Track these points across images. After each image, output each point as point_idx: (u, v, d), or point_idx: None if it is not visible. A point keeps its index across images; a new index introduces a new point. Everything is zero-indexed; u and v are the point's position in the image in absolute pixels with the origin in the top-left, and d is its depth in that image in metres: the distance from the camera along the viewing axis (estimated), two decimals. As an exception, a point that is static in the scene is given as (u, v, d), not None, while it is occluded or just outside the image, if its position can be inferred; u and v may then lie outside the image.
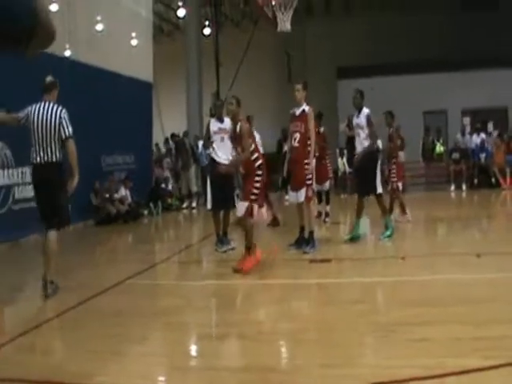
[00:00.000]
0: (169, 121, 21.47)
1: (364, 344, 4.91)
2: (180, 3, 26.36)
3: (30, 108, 7.00)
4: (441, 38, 29.06)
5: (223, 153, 9.34)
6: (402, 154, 13.99)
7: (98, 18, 15.56)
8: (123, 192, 15.25)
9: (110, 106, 14.84)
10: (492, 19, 29.28)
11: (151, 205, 16.60)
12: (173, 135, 19.49)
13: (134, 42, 17.55)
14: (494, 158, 20.74)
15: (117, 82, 15.41)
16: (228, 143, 9.13)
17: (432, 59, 26.40)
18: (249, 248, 7.73)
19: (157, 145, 20.65)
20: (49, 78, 7.23)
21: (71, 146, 6.96)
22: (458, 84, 24.48)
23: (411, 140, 22.52)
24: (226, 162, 8.90)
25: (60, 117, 6.94)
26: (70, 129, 6.98)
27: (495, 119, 24.43)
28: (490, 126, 24.24)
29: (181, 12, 25.88)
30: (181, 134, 19.73)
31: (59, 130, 6.92)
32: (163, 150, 20.69)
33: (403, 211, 12.30)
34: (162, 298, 7.13)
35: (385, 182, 11.94)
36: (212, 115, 21.88)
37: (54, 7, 12.59)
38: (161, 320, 5.96)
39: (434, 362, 4.23)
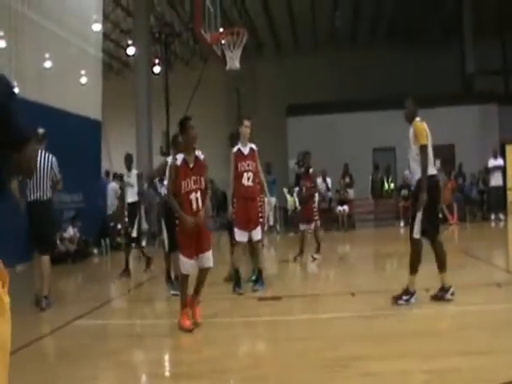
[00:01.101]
0: (118, 158, 21.33)
1: (316, 380, 4.94)
2: (130, 41, 26.51)
3: None
4: (389, 76, 29.84)
5: None
6: (351, 192, 14.34)
7: (47, 56, 15.52)
8: (71, 231, 15.08)
9: (58, 144, 14.69)
10: (438, 58, 30.23)
11: (102, 242, 16.45)
12: (115, 176, 19.30)
13: (83, 80, 17.53)
14: (442, 194, 21.22)
15: (65, 120, 15.31)
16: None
17: (380, 97, 27.01)
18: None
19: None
20: (41, 131, 8.75)
21: (61, 185, 8.89)
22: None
23: (360, 177, 23.01)
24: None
25: (52, 162, 8.64)
26: (58, 171, 8.71)
27: (442, 156, 25.08)
28: (438, 163, 24.83)
29: (130, 50, 25.99)
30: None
31: (51, 173, 8.61)
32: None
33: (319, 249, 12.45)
34: (112, 338, 7.06)
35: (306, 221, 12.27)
36: (163, 153, 21.88)
37: (1, 43, 12.53)
38: (111, 360, 5.89)
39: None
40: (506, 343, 5.59)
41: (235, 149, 9.11)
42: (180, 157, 6.79)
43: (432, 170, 7.47)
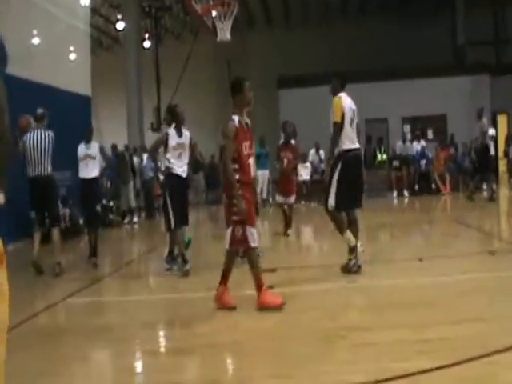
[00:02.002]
0: (109, 134, 21.23)
1: (313, 351, 4.89)
2: (119, 16, 26.21)
3: (25, 137, 9.22)
4: (380, 48, 29.66)
5: (181, 165, 8.64)
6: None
7: (35, 32, 15.29)
8: (62, 209, 14.95)
9: (48, 120, 14.57)
10: (428, 29, 30.06)
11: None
12: (115, 147, 19.15)
13: (72, 56, 17.29)
14: (434, 164, 21.23)
15: (54, 96, 15.13)
16: (185, 159, 8.68)
17: (372, 68, 26.87)
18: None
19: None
20: (40, 111, 9.38)
21: None
22: (398, 92, 24.95)
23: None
24: (185, 175, 8.64)
25: (52, 139, 9.32)
26: None
27: (435, 126, 25.06)
28: (430, 134, 24.83)
29: (120, 25, 25.73)
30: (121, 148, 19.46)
31: (51, 150, 9.26)
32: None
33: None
34: (105, 315, 7.01)
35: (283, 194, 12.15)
36: (154, 129, 21.68)
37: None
38: (104, 337, 5.83)
39: (382, 367, 4.29)
40: (499, 311, 5.59)
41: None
42: (236, 118, 6.31)
43: (349, 145, 7.57)
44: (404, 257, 8.96)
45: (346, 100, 7.76)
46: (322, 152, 21.01)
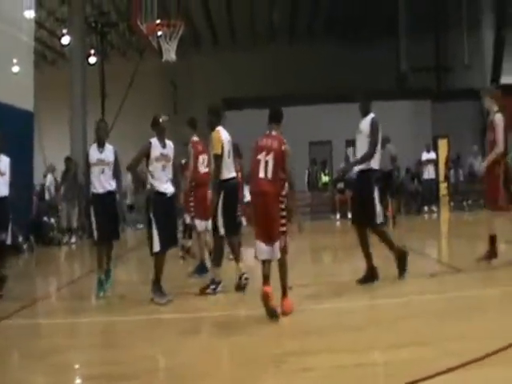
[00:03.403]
0: (52, 151, 20.78)
1: (255, 377, 4.83)
2: (64, 31, 25.85)
3: None
4: (326, 71, 30.07)
5: (165, 180, 8.01)
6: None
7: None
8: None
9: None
10: (373, 53, 30.65)
11: (31, 238, 15.89)
12: (69, 158, 18.64)
13: (14, 69, 16.91)
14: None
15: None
16: (169, 174, 8.06)
17: (317, 91, 27.20)
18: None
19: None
20: None
21: None
22: (342, 115, 25.27)
23: (297, 170, 23.04)
24: (169, 191, 7.98)
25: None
26: None
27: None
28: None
29: (65, 40, 25.36)
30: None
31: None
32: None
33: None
34: (43, 338, 6.77)
35: None
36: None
37: None
38: (42, 362, 5.59)
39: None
40: (440, 333, 5.63)
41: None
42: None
43: (228, 175, 8.12)
44: (346, 279, 8.97)
45: (223, 133, 8.27)
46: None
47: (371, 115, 8.65)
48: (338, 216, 21.44)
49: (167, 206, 7.97)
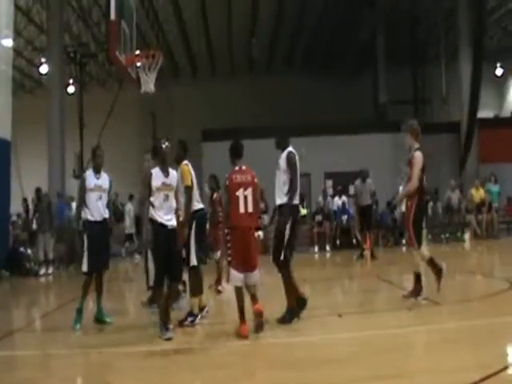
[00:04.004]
0: (29, 181, 20.73)
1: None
2: (43, 60, 25.97)
3: None
4: (304, 103, 30.43)
5: (167, 212, 7.75)
6: (265, 217, 14.23)
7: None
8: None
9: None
10: (352, 86, 31.08)
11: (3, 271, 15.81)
12: (39, 189, 18.70)
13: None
14: (355, 219, 21.69)
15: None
16: (173, 202, 7.83)
17: (295, 123, 27.45)
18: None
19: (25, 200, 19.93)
20: None
21: None
22: (321, 148, 25.52)
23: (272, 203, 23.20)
24: (173, 225, 7.74)
25: None
26: None
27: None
28: (352, 189, 25.39)
29: (43, 68, 25.50)
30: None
31: None
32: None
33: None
34: (19, 371, 6.71)
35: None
36: (76, 176, 21.24)
37: None
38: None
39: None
40: (417, 366, 5.73)
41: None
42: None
43: (198, 205, 8.60)
44: (324, 312, 9.04)
45: (190, 166, 8.62)
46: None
47: (288, 150, 8.84)
48: (316, 249, 21.56)
49: (168, 239, 7.63)
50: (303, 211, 24.32)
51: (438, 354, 6.08)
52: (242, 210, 7.40)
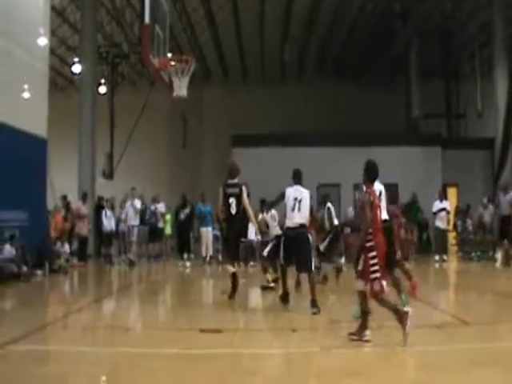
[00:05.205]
0: (59, 180, 21.00)
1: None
2: (76, 59, 26.34)
3: None
4: (335, 112, 30.43)
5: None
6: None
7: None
8: (8, 251, 14.73)
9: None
10: (384, 98, 31.03)
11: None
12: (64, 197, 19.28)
13: (28, 95, 17.27)
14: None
15: (7, 135, 15.12)
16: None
17: (326, 132, 27.49)
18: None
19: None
20: None
21: None
22: (352, 158, 25.46)
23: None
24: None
25: None
26: None
27: (386, 195, 25.56)
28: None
29: (76, 68, 25.84)
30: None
31: None
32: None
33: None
34: (46, 365, 6.81)
35: None
36: (106, 176, 21.67)
37: None
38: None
39: None
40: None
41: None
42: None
43: None
44: (349, 325, 9.07)
45: None
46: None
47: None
48: (342, 260, 21.37)
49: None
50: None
51: (462, 374, 6.08)
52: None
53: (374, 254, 7.57)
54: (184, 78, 14.61)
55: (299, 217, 10.12)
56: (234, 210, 11.04)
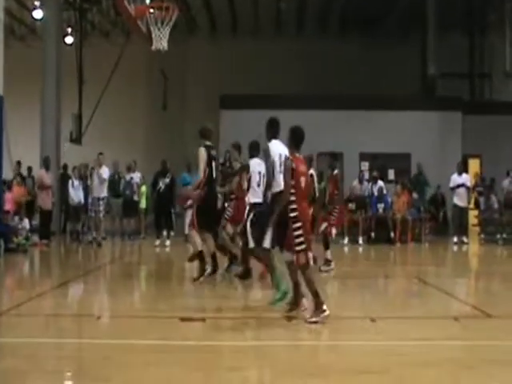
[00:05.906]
0: (17, 144, 20.76)
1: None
2: (37, 3, 25.99)
3: None
4: (339, 72, 30.17)
5: None
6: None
7: None
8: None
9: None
10: (395, 54, 30.76)
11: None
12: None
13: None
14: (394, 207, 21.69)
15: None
16: None
17: (328, 94, 27.29)
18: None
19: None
20: None
21: None
22: (357, 124, 25.39)
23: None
24: None
25: None
26: None
27: (397, 166, 25.49)
28: (391, 174, 25.29)
29: (38, 13, 25.50)
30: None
31: None
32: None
33: None
34: (1, 360, 6.81)
35: None
36: (73, 140, 21.65)
37: None
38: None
39: None
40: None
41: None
42: None
43: None
44: (354, 315, 9.11)
45: None
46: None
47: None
48: (346, 240, 21.40)
49: None
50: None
51: (484, 375, 6.08)
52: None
53: (298, 224, 8.10)
54: (164, 29, 14.50)
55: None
56: (215, 174, 11.72)
